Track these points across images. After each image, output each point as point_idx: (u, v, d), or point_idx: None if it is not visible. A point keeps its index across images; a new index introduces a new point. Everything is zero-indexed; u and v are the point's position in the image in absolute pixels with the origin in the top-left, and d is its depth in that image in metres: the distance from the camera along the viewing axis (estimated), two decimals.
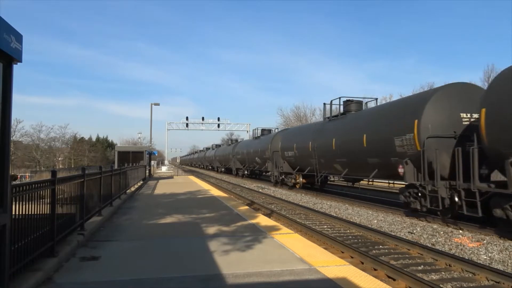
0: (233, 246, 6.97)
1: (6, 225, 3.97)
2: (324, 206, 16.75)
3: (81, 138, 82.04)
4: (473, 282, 6.64)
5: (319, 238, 10.07)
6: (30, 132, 65.45)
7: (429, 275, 7.01)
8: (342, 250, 8.84)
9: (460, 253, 8.50)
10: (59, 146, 72.69)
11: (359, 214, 14.27)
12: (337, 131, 18.72)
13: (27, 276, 4.72)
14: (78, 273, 5.36)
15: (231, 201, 15.02)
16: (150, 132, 43.94)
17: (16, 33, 4.01)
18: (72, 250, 6.53)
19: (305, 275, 5.23)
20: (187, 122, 73.24)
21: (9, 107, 4.05)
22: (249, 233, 8.18)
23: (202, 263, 5.88)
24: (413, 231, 10.87)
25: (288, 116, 73.89)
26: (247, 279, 5.07)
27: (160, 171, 60.81)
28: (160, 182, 28.24)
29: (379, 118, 15.51)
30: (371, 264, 7.58)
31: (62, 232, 6.44)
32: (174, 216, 10.76)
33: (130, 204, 13.96)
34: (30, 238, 5.00)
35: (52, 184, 6.00)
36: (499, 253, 8.43)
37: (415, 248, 8.76)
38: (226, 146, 55.36)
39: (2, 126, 3.97)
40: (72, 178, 7.48)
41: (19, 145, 62.94)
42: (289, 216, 13.87)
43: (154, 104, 42.52)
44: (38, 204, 5.44)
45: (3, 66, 3.99)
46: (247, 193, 24.14)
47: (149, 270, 5.50)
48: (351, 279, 5.03)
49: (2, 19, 3.70)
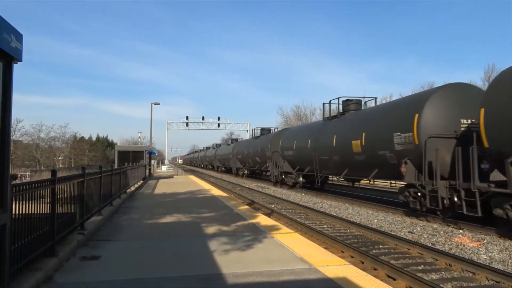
0: (233, 246, 6.97)
1: (6, 225, 3.96)
2: (324, 205, 16.76)
3: (81, 137, 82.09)
4: (473, 282, 6.64)
5: (319, 238, 10.07)
6: (30, 132, 65.57)
7: (429, 274, 7.01)
8: (342, 249, 8.84)
9: (460, 252, 8.50)
10: (59, 145, 72.69)
11: (359, 213, 14.27)
12: (337, 130, 18.75)
13: (27, 275, 4.72)
14: (78, 273, 5.36)
15: (231, 201, 15.02)
16: (150, 132, 43.98)
17: (16, 33, 4.00)
18: (72, 250, 6.53)
19: (305, 275, 5.23)
20: (187, 121, 73.20)
21: (9, 106, 4.04)
22: (249, 233, 8.18)
23: (203, 263, 5.88)
24: (413, 230, 10.87)
25: (288, 115, 73.94)
26: (247, 279, 5.06)
27: (160, 171, 60.82)
28: (160, 182, 28.24)
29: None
30: (371, 263, 7.58)
31: (62, 232, 6.44)
32: (174, 216, 10.76)
33: (130, 204, 13.96)
34: (30, 238, 5.00)
35: (52, 183, 6.00)
36: (499, 252, 8.43)
37: (415, 248, 8.75)
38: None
39: (2, 125, 3.96)
40: (72, 178, 7.48)
41: (19, 144, 62.95)
42: (289, 215, 13.87)
43: (154, 103, 42.59)
44: (38, 203, 5.44)
45: (3, 65, 3.98)
46: (247, 192, 24.15)
47: (150, 270, 5.50)
48: (351, 278, 5.03)
49: (2, 19, 3.70)
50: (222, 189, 24.05)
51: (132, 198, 16.12)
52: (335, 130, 18.83)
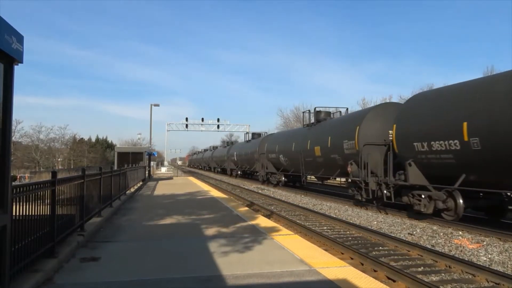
0: (233, 247, 6.98)
1: (7, 226, 3.97)
2: (324, 207, 16.76)
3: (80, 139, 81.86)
4: (473, 284, 6.64)
5: (319, 239, 10.06)
6: (29, 133, 65.41)
7: (429, 276, 7.01)
8: (342, 251, 8.84)
9: (460, 254, 8.50)
10: (58, 146, 72.55)
11: (359, 215, 14.28)
12: (311, 136, 21.64)
13: (27, 276, 4.72)
14: (78, 274, 5.36)
15: (231, 202, 15.03)
16: (150, 133, 43.97)
17: (17, 34, 4.01)
18: (72, 251, 6.54)
19: (305, 276, 5.24)
20: (187, 123, 72.99)
21: (10, 107, 4.05)
22: (249, 234, 8.18)
23: (203, 264, 5.88)
24: (413, 232, 10.87)
25: (288, 117, 73.81)
26: (248, 280, 5.07)
27: (160, 172, 60.74)
28: (159, 183, 28.25)
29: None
30: (371, 265, 7.58)
31: (62, 233, 6.44)
32: (174, 217, 10.76)
33: (130, 205, 13.96)
34: (30, 239, 5.00)
35: (52, 185, 6.00)
36: (499, 254, 8.44)
37: (415, 250, 8.76)
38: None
39: (3, 127, 3.97)
40: (72, 179, 7.48)
41: (19, 145, 62.84)
42: (289, 217, 13.87)
43: (154, 105, 42.54)
44: (39, 205, 5.44)
45: (4, 67, 3.99)
46: (247, 194, 24.15)
47: (150, 271, 5.50)
48: (351, 280, 5.04)
49: (3, 20, 3.71)
50: (221, 191, 24.04)
51: (131, 200, 16.11)
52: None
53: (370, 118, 15.97)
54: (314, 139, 20.88)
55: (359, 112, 19.17)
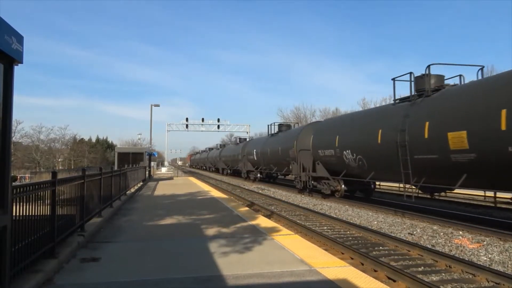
0: (234, 248, 6.98)
1: (7, 227, 3.97)
2: (324, 207, 16.76)
3: (81, 139, 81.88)
4: (473, 283, 6.64)
5: (319, 239, 10.06)
6: (30, 133, 65.48)
7: (429, 276, 7.01)
8: (342, 251, 8.84)
9: (460, 254, 8.50)
10: (59, 147, 72.61)
11: (359, 215, 14.28)
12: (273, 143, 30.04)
13: (27, 277, 4.72)
14: (78, 274, 5.37)
15: (231, 202, 15.03)
16: (150, 133, 44.01)
17: (17, 35, 4.01)
18: (73, 251, 6.54)
19: (306, 276, 5.24)
20: (187, 123, 73.02)
21: (10, 108, 4.05)
22: (250, 235, 8.18)
23: (203, 265, 5.88)
24: (413, 232, 10.87)
25: (288, 117, 73.97)
26: (248, 280, 5.07)
27: (160, 172, 60.75)
28: (160, 183, 28.25)
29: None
30: (372, 265, 7.58)
31: (62, 233, 6.44)
32: (174, 217, 10.76)
33: (130, 205, 13.96)
34: (30, 240, 5.00)
35: (52, 185, 6.00)
36: (499, 254, 8.43)
37: (415, 249, 8.76)
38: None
39: (3, 127, 3.97)
40: (73, 179, 7.48)
41: (19, 146, 62.88)
42: (289, 217, 13.87)
43: (154, 105, 42.62)
44: (39, 205, 5.44)
45: (4, 67, 4.00)
46: (247, 194, 24.15)
47: (150, 271, 5.50)
48: (351, 280, 5.04)
49: (3, 20, 3.71)
50: (221, 191, 24.05)
51: (132, 200, 16.12)
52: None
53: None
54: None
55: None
